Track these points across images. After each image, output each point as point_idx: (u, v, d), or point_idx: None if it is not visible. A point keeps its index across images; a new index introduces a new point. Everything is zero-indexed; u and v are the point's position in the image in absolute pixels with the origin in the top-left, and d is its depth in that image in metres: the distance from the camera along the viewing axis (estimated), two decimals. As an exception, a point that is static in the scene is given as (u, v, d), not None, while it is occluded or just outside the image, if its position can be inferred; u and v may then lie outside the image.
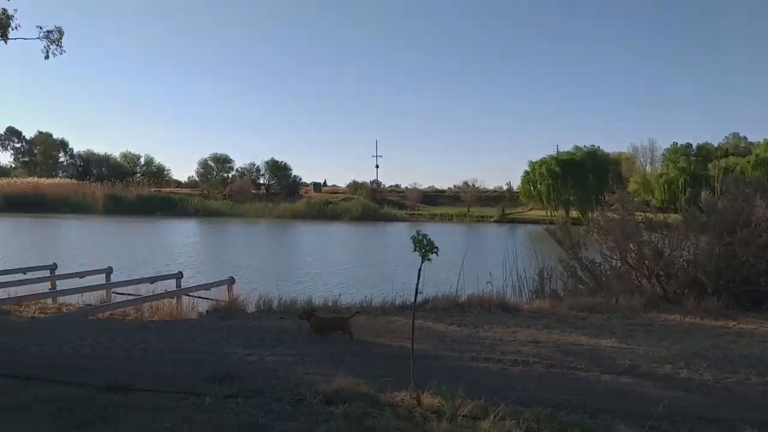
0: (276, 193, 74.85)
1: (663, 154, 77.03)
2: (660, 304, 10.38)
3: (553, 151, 69.60)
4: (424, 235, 4.63)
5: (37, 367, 5.80)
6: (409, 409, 4.48)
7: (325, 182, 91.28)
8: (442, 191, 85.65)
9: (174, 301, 12.44)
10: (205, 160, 79.47)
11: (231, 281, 13.55)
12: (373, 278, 19.74)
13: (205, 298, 13.10)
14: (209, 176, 78.20)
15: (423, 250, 4.57)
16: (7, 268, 15.91)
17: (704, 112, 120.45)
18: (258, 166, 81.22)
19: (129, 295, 13.62)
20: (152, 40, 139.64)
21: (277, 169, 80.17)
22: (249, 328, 8.06)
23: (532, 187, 67.11)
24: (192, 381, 5.24)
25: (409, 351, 4.87)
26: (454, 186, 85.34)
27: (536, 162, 67.48)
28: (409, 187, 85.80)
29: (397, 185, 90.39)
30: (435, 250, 4.60)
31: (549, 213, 61.04)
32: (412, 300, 4.98)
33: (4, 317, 10.86)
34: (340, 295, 11.54)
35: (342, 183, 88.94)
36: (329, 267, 23.82)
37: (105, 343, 7.05)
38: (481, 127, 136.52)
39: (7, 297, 12.49)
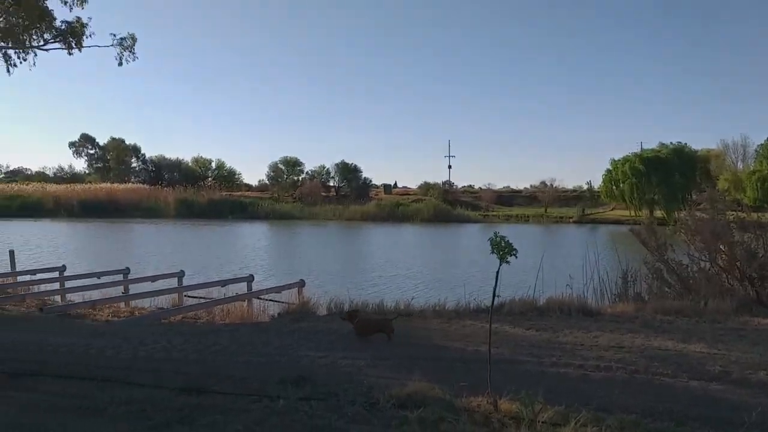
0: (346, 196, 76.03)
1: (756, 150, 72.62)
2: (753, 308, 9.94)
3: (636, 149, 67.98)
4: (502, 237, 4.62)
5: (113, 370, 6.17)
6: (485, 414, 4.48)
7: (395, 184, 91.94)
8: (518, 191, 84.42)
9: (245, 304, 12.91)
10: (276, 164, 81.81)
11: (301, 284, 13.91)
12: (447, 281, 19.71)
13: (275, 301, 13.51)
14: (279, 179, 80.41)
15: (501, 253, 4.57)
16: (82, 273, 17.04)
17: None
18: (328, 169, 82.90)
19: (200, 298, 14.22)
20: (222, 44, 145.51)
21: (347, 171, 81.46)
22: (320, 331, 8.25)
23: (614, 186, 65.43)
24: (264, 383, 5.45)
25: (484, 355, 4.88)
26: (531, 186, 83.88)
27: (619, 160, 65.84)
28: (483, 187, 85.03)
29: (470, 186, 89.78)
30: (514, 252, 4.59)
31: (632, 213, 59.75)
32: (488, 303, 4.98)
33: (80, 321, 11.64)
34: (412, 298, 11.63)
35: (413, 184, 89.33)
36: (401, 269, 23.96)
37: (178, 345, 7.41)
38: (560, 125, 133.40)
39: (82, 301, 13.42)
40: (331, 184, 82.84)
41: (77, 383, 5.66)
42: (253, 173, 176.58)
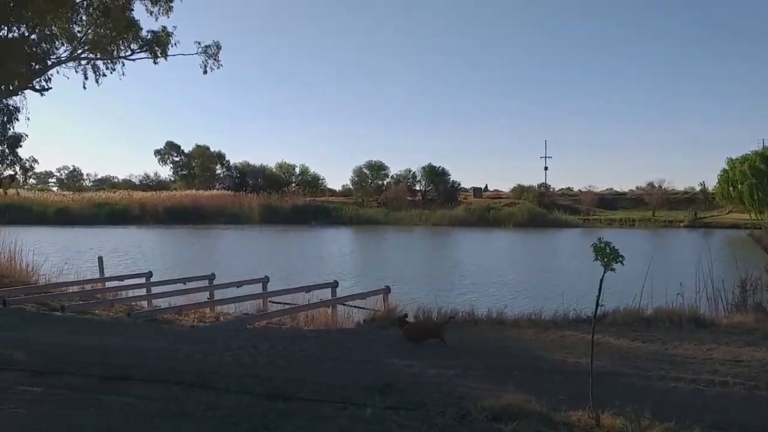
0: (433, 200, 76.05)
1: None
2: None
3: (756, 147, 64.64)
4: (607, 243, 4.55)
5: (201, 374, 6.49)
6: (586, 429, 4.39)
7: (486, 187, 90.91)
8: (622, 194, 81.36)
9: (329, 310, 13.20)
10: (360, 168, 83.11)
11: (387, 290, 14.05)
12: (543, 289, 19.30)
13: (360, 308, 13.70)
14: (364, 184, 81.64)
15: (606, 259, 4.51)
16: (168, 279, 17.99)
17: None
18: (414, 172, 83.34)
19: (285, 304, 14.62)
20: (305, 49, 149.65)
21: (435, 174, 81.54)
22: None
23: (731, 188, 62.26)
24: (351, 391, 5.56)
25: (584, 367, 4.77)
26: (637, 188, 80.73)
27: (737, 159, 62.77)
28: (582, 189, 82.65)
29: (568, 188, 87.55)
30: (620, 258, 4.51)
31: (752, 216, 56.91)
32: (588, 313, 4.89)
33: (167, 326, 12.31)
34: (505, 307, 11.49)
35: (505, 187, 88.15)
36: (492, 276, 23.69)
37: (264, 351, 7.69)
38: (668, 122, 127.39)
39: (168, 306, 14.19)
40: (417, 188, 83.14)
41: (165, 387, 5.99)
42: (336, 178, 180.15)
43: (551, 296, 15.46)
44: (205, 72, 24.10)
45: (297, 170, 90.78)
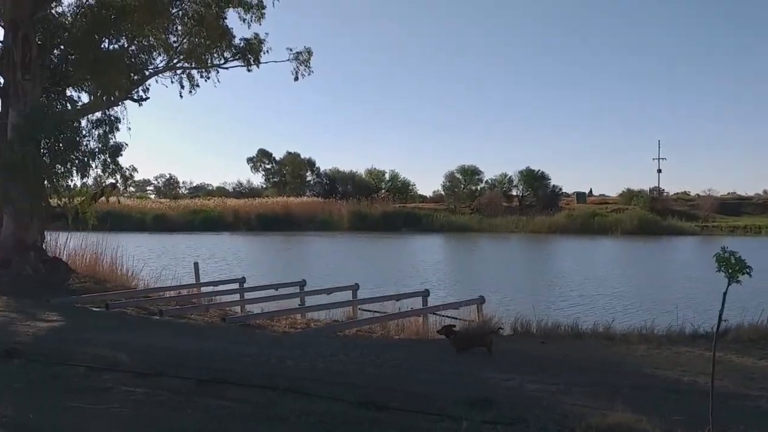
0: (531, 206, 74.59)
1: None
2: None
3: None
4: (732, 253, 4.37)
5: (293, 380, 6.69)
6: (707, 454, 4.16)
7: (590, 192, 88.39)
8: (747, 198, 76.66)
9: (420, 319, 13.25)
10: (452, 173, 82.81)
11: (481, 300, 13.93)
12: (655, 302, 18.47)
13: (453, 318, 13.63)
14: (456, 189, 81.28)
15: (731, 271, 4.31)
16: (260, 285, 18.63)
17: None
18: (510, 177, 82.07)
19: (375, 312, 14.83)
20: (393, 53, 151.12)
21: (533, 179, 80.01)
22: (505, 352, 8.22)
23: None
24: (446, 403, 5.55)
25: (702, 387, 4.57)
26: (765, 191, 76.00)
27: None
28: (701, 194, 78.52)
29: (684, 192, 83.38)
30: (747, 270, 4.32)
31: None
32: (706, 328, 4.67)
33: (260, 331, 12.77)
34: (613, 320, 11.12)
35: (612, 192, 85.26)
36: (598, 288, 22.92)
37: (355, 359, 7.82)
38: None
39: (261, 312, 14.72)
40: (514, 193, 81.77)
41: (260, 392, 6.22)
42: (427, 184, 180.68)
43: (664, 310, 14.83)
44: (296, 79, 24.83)
45: (387, 176, 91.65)
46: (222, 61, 24.15)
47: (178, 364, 7.45)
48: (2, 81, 20.89)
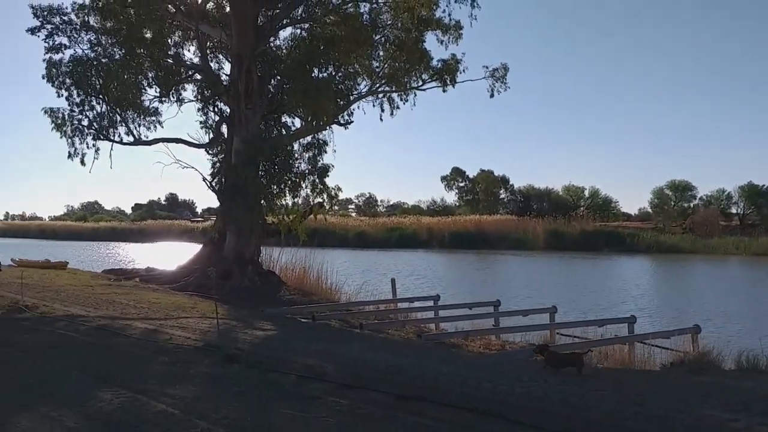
0: (754, 225, 67.27)
1: None
2: None
3: None
4: None
5: (491, 403, 6.58)
6: None
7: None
8: None
9: (626, 348, 12.45)
10: (660, 189, 77.66)
11: (696, 330, 12.76)
12: None
13: (663, 348, 12.68)
14: (665, 207, 76.03)
15: None
16: (454, 303, 18.70)
17: None
18: (729, 193, 75.19)
19: (575, 337, 14.25)
20: (589, 65, 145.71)
21: (757, 195, 72.31)
22: (728, 388, 7.43)
23: None
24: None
25: None
26: None
27: None
28: None
29: None
30: None
31: None
32: None
33: (455, 350, 12.77)
34: None
35: None
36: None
37: (555, 386, 7.49)
38: None
39: (455, 331, 14.75)
40: (734, 211, 74.65)
41: (458, 412, 6.19)
42: (631, 201, 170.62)
43: None
44: (491, 96, 24.90)
45: (586, 193, 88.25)
46: (420, 83, 24.94)
47: (378, 377, 7.69)
48: (228, 111, 23.40)
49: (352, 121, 24.95)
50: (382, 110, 25.45)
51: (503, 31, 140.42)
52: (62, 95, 22.02)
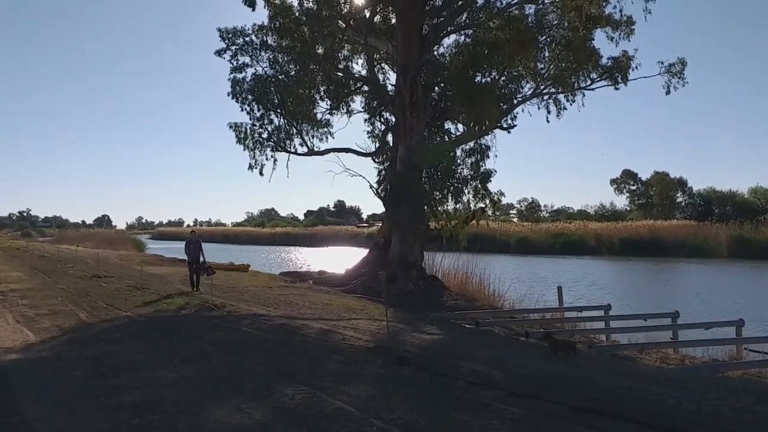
0: None
1: None
2: None
3: None
4: None
5: (677, 421, 6.18)
6: None
7: None
8: None
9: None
10: None
11: None
12: None
13: None
14: None
15: None
16: (627, 314, 17.76)
17: None
18: None
19: (765, 354, 13.07)
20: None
21: None
22: None
23: None
24: None
25: None
26: None
27: None
28: None
29: None
30: None
31: None
32: None
33: (630, 363, 12.13)
34: None
35: None
36: None
37: (748, 406, 6.89)
38: None
39: (628, 343, 14.02)
40: None
41: (639, 428, 5.90)
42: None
43: None
44: (668, 93, 23.42)
45: (776, 195, 79.82)
46: (588, 83, 24.06)
47: (549, 387, 7.52)
48: (394, 120, 24.08)
49: (515, 125, 24.66)
50: (548, 112, 24.92)
51: (673, 25, 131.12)
52: (245, 110, 23.92)
